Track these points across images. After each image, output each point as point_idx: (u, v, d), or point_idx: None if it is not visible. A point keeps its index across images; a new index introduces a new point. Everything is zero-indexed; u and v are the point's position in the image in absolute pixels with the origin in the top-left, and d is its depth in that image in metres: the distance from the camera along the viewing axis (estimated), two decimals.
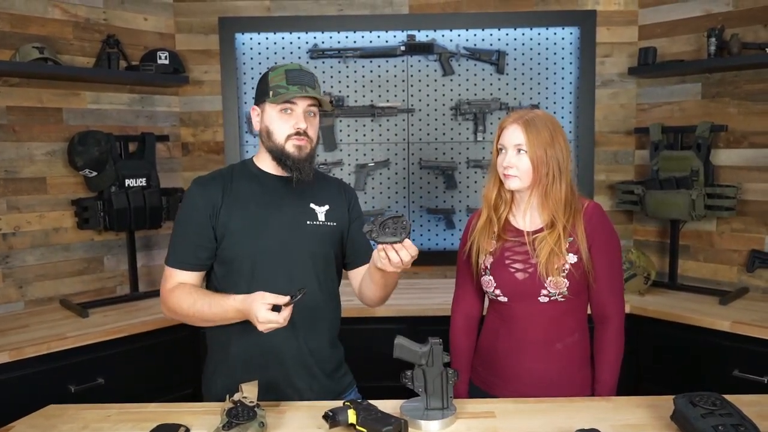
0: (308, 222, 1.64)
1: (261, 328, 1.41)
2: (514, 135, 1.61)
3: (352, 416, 1.36)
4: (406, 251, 1.39)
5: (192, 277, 1.61)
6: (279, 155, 1.59)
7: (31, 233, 2.59)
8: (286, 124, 1.57)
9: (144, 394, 2.28)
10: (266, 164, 1.65)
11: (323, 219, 1.66)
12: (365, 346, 2.21)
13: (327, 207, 1.68)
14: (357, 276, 1.74)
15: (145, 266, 2.91)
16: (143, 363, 2.38)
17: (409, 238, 1.39)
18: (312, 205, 1.66)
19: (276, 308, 1.41)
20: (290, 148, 1.57)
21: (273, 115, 1.59)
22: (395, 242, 1.37)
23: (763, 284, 2.63)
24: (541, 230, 1.65)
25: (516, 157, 1.61)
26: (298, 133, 1.57)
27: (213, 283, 1.65)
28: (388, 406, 1.46)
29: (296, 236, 1.61)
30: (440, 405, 1.44)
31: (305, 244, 1.62)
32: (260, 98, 1.62)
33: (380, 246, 1.39)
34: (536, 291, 1.62)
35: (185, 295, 1.56)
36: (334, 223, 1.68)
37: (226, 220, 1.58)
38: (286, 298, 1.40)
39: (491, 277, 1.68)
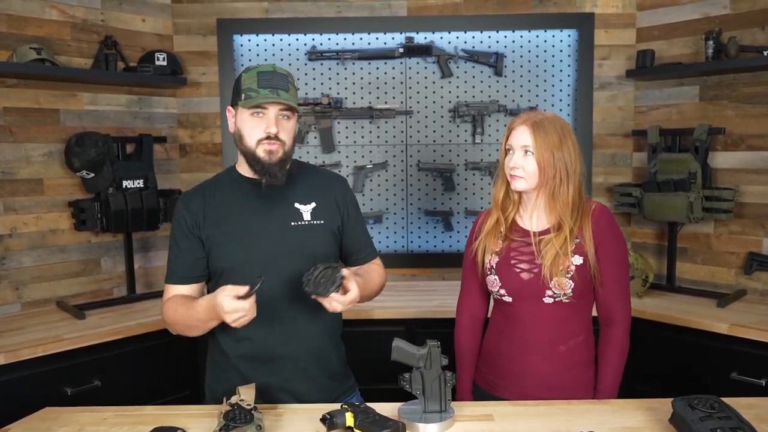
0: (293, 223, 1.61)
1: (230, 319, 1.38)
2: (521, 136, 1.61)
3: (349, 419, 1.36)
4: (336, 303, 1.45)
5: (189, 290, 1.62)
6: (250, 159, 1.57)
7: (28, 234, 2.58)
8: (257, 128, 1.55)
9: (140, 396, 2.28)
10: (245, 169, 1.62)
11: (309, 218, 1.63)
12: (363, 348, 2.20)
13: (313, 205, 1.65)
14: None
15: (142, 268, 2.90)
16: (140, 365, 2.37)
17: (337, 291, 1.45)
18: (297, 205, 1.64)
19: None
20: (261, 152, 1.55)
21: (244, 118, 1.56)
22: (321, 296, 1.44)
23: (760, 286, 2.63)
24: (547, 231, 1.64)
25: (523, 158, 1.61)
26: (269, 138, 1.54)
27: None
28: (385, 408, 1.45)
29: (282, 239, 1.59)
30: (438, 408, 1.43)
31: (293, 246, 1.60)
32: (234, 101, 1.60)
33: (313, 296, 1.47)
34: (541, 292, 1.61)
35: (171, 304, 1.59)
36: (322, 221, 1.65)
37: (210, 232, 1.58)
38: (246, 288, 1.38)
39: (496, 277, 1.67)
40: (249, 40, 3.01)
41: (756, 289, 2.64)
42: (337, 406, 1.42)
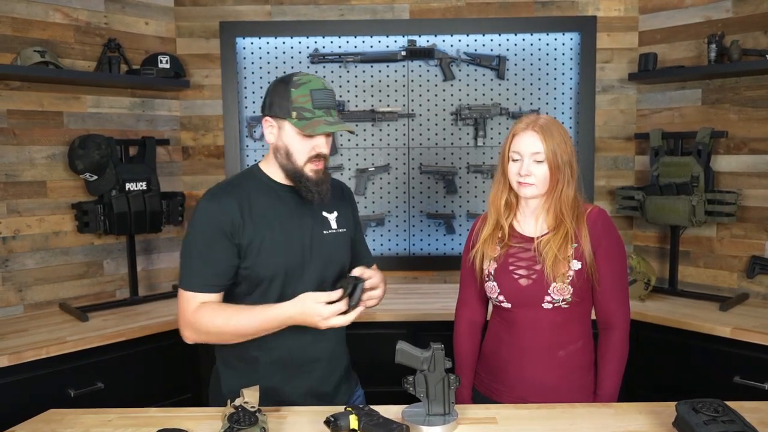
0: (324, 232, 1.62)
1: (324, 325, 1.42)
2: (531, 143, 1.59)
3: (353, 422, 1.36)
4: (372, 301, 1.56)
5: (216, 299, 1.53)
6: (297, 177, 1.54)
7: (31, 237, 2.58)
8: (307, 146, 1.52)
9: (143, 398, 2.28)
10: (279, 176, 1.59)
11: (335, 226, 1.65)
12: (367, 351, 2.20)
13: (336, 213, 1.66)
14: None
15: (144, 270, 2.91)
16: (143, 367, 2.37)
17: (360, 303, 1.50)
18: (324, 214, 1.64)
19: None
20: (309, 171, 1.53)
21: (293, 136, 1.51)
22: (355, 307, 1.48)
23: (763, 290, 2.63)
24: (547, 234, 1.64)
25: (534, 165, 1.59)
26: (317, 156, 1.54)
27: (236, 303, 1.55)
28: (389, 411, 1.45)
29: (317, 247, 1.59)
30: (442, 410, 1.43)
31: (326, 254, 1.61)
32: (278, 112, 1.52)
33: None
34: (540, 297, 1.61)
35: (217, 312, 1.48)
36: (345, 229, 1.67)
37: (252, 238, 1.51)
38: (338, 293, 1.42)
39: (495, 283, 1.67)
40: (252, 43, 3.01)
41: (759, 292, 2.64)
42: (341, 408, 1.42)
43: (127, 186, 2.63)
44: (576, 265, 1.61)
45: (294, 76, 1.54)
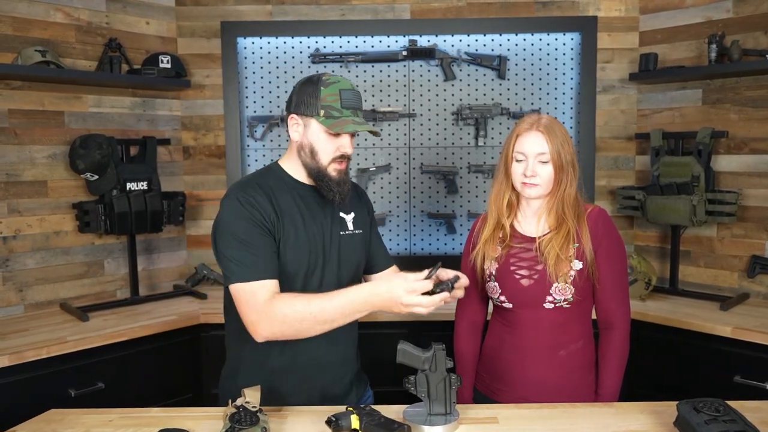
0: (341, 233, 1.62)
1: (405, 303, 1.38)
2: (536, 143, 1.59)
3: (354, 422, 1.36)
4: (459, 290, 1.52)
5: (277, 287, 1.48)
6: (320, 176, 1.54)
7: (32, 236, 2.58)
8: (332, 145, 1.53)
9: (144, 398, 2.28)
10: (300, 174, 1.59)
11: (352, 228, 1.65)
12: (368, 351, 2.20)
13: (353, 215, 1.66)
14: (375, 280, 1.76)
15: (145, 270, 2.90)
16: (143, 367, 2.37)
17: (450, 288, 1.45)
18: (341, 214, 1.64)
19: None
20: (332, 171, 1.54)
21: (319, 135, 1.52)
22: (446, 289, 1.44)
23: (764, 290, 2.63)
24: (548, 234, 1.64)
25: (539, 165, 1.59)
26: (342, 156, 1.54)
27: None
28: (391, 411, 1.45)
29: (335, 248, 1.60)
30: (443, 410, 1.43)
31: (343, 254, 1.61)
32: (305, 110, 1.52)
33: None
34: (541, 298, 1.61)
35: (292, 299, 1.43)
36: (361, 231, 1.67)
37: (283, 234, 1.52)
38: (424, 274, 1.39)
39: (496, 284, 1.67)
40: (253, 43, 3.01)
41: (759, 292, 2.64)
42: (342, 408, 1.42)
43: (128, 186, 2.63)
44: (577, 264, 1.61)
45: (323, 76, 1.54)
